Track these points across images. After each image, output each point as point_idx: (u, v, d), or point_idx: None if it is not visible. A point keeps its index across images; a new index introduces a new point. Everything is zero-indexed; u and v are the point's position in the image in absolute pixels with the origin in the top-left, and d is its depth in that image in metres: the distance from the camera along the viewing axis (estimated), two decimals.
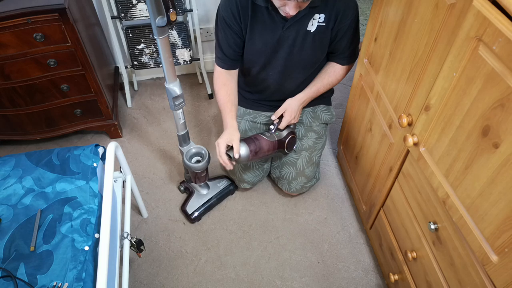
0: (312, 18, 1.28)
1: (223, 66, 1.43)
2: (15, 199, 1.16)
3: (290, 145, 1.52)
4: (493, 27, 0.69)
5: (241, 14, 1.28)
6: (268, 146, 1.45)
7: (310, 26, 1.29)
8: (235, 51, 1.39)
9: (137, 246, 1.33)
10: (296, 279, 1.50)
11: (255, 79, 1.49)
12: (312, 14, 1.27)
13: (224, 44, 1.37)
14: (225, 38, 1.35)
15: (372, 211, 1.46)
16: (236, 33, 1.33)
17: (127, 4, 1.87)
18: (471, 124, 0.80)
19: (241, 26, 1.31)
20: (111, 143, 1.20)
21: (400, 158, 1.16)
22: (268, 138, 1.45)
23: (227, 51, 1.38)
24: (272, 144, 1.46)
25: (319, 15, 1.27)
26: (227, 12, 1.29)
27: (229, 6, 1.28)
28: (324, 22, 1.29)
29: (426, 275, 1.12)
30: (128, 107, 2.19)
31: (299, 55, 1.36)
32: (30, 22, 1.46)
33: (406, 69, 1.08)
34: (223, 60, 1.42)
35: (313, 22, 1.29)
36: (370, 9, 1.30)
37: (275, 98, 1.55)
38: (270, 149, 1.46)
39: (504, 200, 0.74)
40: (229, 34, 1.34)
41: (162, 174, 1.86)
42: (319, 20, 1.28)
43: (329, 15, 1.27)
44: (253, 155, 1.42)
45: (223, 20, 1.31)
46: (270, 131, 1.49)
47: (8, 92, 1.66)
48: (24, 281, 0.97)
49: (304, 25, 1.29)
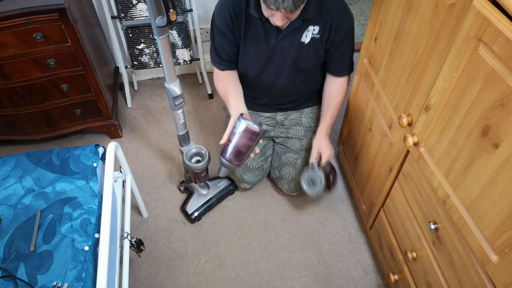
0: (306, 30, 1.27)
1: (222, 69, 1.44)
2: (15, 199, 1.16)
3: (334, 181, 1.53)
4: (493, 27, 0.69)
5: (235, 24, 1.28)
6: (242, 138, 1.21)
7: (304, 38, 1.29)
8: (231, 57, 1.39)
9: (137, 246, 1.33)
10: (296, 279, 1.50)
11: (251, 83, 1.49)
12: (306, 26, 1.26)
13: (221, 50, 1.37)
14: (221, 45, 1.35)
15: (372, 211, 1.46)
16: (231, 41, 1.34)
17: (127, 4, 1.87)
18: (471, 124, 0.80)
19: (236, 34, 1.31)
20: (111, 143, 1.20)
21: (400, 158, 1.16)
22: (237, 130, 1.21)
23: (224, 56, 1.39)
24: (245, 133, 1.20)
25: (314, 27, 1.27)
26: (221, 21, 1.29)
27: (223, 15, 1.28)
28: (318, 33, 1.28)
29: (426, 275, 1.12)
30: (128, 107, 2.19)
31: (294, 63, 1.36)
32: (30, 22, 1.46)
33: (406, 69, 1.08)
34: (220, 64, 1.42)
35: (307, 33, 1.28)
36: (370, 9, 1.30)
37: (273, 102, 1.56)
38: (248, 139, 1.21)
39: (504, 200, 0.74)
40: (224, 42, 1.34)
41: (162, 174, 1.86)
42: (313, 32, 1.28)
43: (324, 26, 1.27)
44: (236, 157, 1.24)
45: (218, 29, 1.31)
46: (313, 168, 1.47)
47: (8, 92, 1.66)
48: (24, 281, 0.97)
49: (298, 36, 1.29)
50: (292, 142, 1.61)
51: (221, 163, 1.28)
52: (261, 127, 1.20)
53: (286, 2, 1.04)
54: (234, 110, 1.35)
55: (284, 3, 1.05)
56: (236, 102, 1.38)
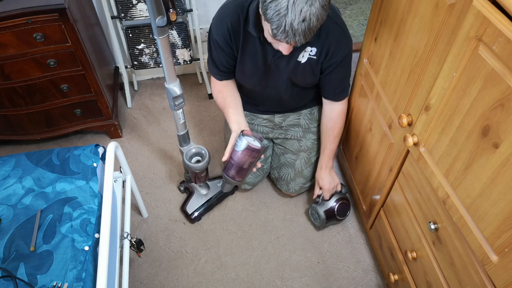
0: (304, 50, 1.27)
1: (220, 79, 1.43)
2: (15, 199, 1.16)
3: (341, 212, 1.56)
4: (493, 27, 0.69)
5: (232, 39, 1.27)
6: (244, 156, 1.23)
7: (301, 58, 1.28)
8: (228, 68, 1.39)
9: (137, 246, 1.33)
10: (296, 279, 1.50)
11: (248, 93, 1.50)
12: (304, 46, 1.25)
13: (218, 62, 1.36)
14: (218, 58, 1.35)
15: (372, 211, 1.46)
16: (228, 55, 1.33)
17: (127, 4, 1.87)
18: (471, 124, 0.80)
19: (233, 48, 1.30)
20: (111, 143, 1.20)
21: (400, 158, 1.16)
22: (238, 148, 1.23)
23: (221, 68, 1.38)
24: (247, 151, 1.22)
25: (311, 48, 1.26)
26: (218, 36, 1.28)
27: (221, 30, 1.26)
28: (315, 55, 1.28)
29: (426, 275, 1.12)
30: (128, 107, 2.19)
31: (289, 79, 1.36)
32: (30, 22, 1.46)
33: (406, 69, 1.08)
34: (218, 74, 1.41)
35: (304, 54, 1.27)
36: (370, 9, 1.30)
37: (272, 109, 1.57)
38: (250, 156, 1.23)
39: (504, 200, 0.74)
40: (221, 55, 1.33)
41: (162, 174, 1.86)
42: (311, 53, 1.27)
43: (321, 49, 1.26)
44: (239, 174, 1.27)
45: (216, 42, 1.30)
46: (316, 203, 1.56)
47: (8, 92, 1.66)
48: (24, 281, 0.97)
49: (295, 56, 1.28)
50: (291, 143, 1.61)
51: (224, 179, 1.30)
52: (262, 143, 1.23)
53: (298, 37, 1.00)
54: (235, 124, 1.35)
55: (295, 38, 1.01)
56: (236, 116, 1.38)
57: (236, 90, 1.47)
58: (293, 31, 0.99)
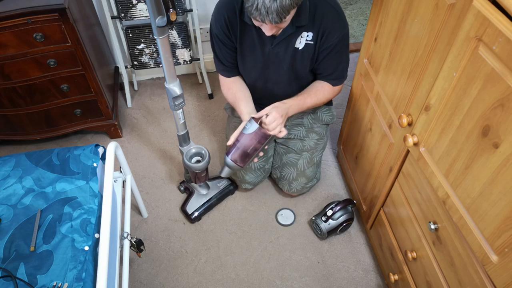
0: (300, 36, 1.28)
1: (228, 76, 1.46)
2: (15, 199, 1.16)
3: (344, 229, 1.59)
4: (493, 27, 0.69)
5: (231, 31, 1.30)
6: (252, 140, 1.22)
7: (298, 44, 1.29)
8: (233, 63, 1.41)
9: (137, 246, 1.33)
10: (296, 279, 1.50)
11: (252, 89, 1.50)
12: (300, 32, 1.27)
13: (222, 58, 1.39)
14: (221, 53, 1.38)
15: (372, 211, 1.46)
16: (230, 48, 1.36)
17: (127, 4, 1.87)
18: (471, 124, 0.80)
19: (233, 40, 1.33)
20: (111, 143, 1.20)
21: (400, 158, 1.16)
22: (247, 131, 1.22)
23: (226, 63, 1.41)
24: (255, 135, 1.21)
25: (307, 33, 1.27)
26: (218, 30, 1.31)
27: (219, 23, 1.29)
28: (312, 40, 1.29)
29: (426, 275, 1.12)
30: (128, 107, 2.19)
31: (291, 69, 1.37)
32: (30, 22, 1.46)
33: (406, 69, 1.08)
34: (225, 71, 1.44)
35: (301, 40, 1.28)
36: (370, 9, 1.30)
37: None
38: (257, 141, 1.22)
39: (504, 200, 0.74)
40: (224, 50, 1.36)
41: (162, 174, 1.86)
42: (307, 38, 1.28)
43: (317, 33, 1.27)
44: (242, 159, 1.26)
45: (216, 37, 1.33)
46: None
47: (8, 92, 1.66)
48: (24, 281, 0.97)
49: (292, 43, 1.29)
50: (294, 142, 1.61)
51: (225, 163, 1.29)
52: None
53: (271, 15, 1.04)
54: (246, 115, 1.36)
55: (269, 16, 1.05)
56: (247, 108, 1.39)
57: (245, 85, 1.48)
58: (266, 8, 1.02)
